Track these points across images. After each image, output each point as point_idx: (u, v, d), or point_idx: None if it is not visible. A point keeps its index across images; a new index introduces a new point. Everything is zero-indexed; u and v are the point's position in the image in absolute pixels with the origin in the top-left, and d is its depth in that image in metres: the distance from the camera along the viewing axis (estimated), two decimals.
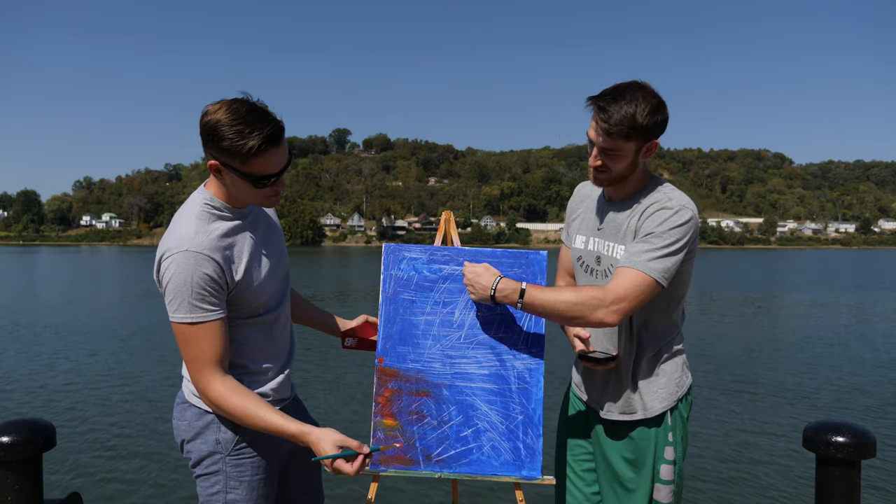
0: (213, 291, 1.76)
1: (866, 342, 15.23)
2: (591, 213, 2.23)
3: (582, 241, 2.23)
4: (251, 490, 1.91)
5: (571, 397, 2.37)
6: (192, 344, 1.77)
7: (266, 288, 1.92)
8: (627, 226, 2.06)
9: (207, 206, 1.83)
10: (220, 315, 1.79)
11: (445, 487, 6.15)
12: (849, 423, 2.18)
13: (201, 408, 1.90)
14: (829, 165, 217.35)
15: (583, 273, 2.22)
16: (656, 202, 2.01)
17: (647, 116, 1.91)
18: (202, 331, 1.76)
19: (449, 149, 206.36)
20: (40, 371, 11.51)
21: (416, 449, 2.12)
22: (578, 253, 2.24)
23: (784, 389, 10.40)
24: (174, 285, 1.74)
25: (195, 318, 1.75)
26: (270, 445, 1.94)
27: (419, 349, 2.17)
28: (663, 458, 2.10)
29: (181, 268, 1.73)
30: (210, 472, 1.91)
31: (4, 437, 1.99)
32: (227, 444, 1.89)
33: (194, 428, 1.92)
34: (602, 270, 2.14)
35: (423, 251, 2.25)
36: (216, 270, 1.77)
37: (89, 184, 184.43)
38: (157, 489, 6.26)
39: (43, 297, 26.25)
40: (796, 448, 7.23)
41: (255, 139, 1.68)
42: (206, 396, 1.80)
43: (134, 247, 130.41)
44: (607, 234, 2.13)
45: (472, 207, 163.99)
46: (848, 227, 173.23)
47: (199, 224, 1.80)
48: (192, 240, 1.76)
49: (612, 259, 2.09)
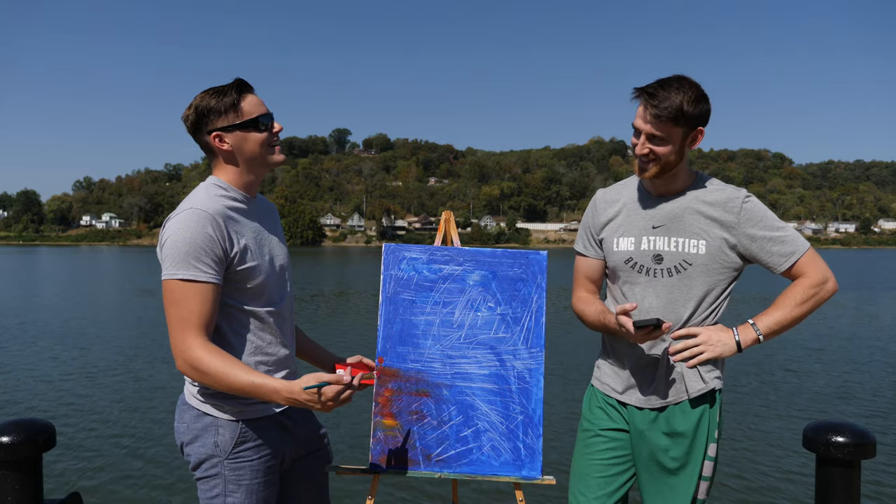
0: (212, 253, 1.76)
1: (866, 342, 15.22)
2: (636, 213, 2.18)
3: (630, 242, 2.17)
4: (250, 494, 1.88)
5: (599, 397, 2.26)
6: (180, 304, 1.74)
7: (265, 271, 1.91)
8: (707, 219, 2.08)
9: (215, 185, 1.91)
10: (215, 280, 1.77)
11: (445, 487, 6.15)
12: (849, 423, 2.18)
13: (200, 409, 1.89)
14: (829, 165, 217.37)
15: (636, 275, 2.15)
16: (722, 190, 2.11)
17: (694, 103, 1.98)
18: (194, 290, 1.73)
19: (449, 149, 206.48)
20: (40, 371, 11.50)
21: (416, 449, 2.12)
22: (627, 255, 2.17)
23: (784, 389, 10.40)
24: (174, 241, 1.75)
25: (189, 276, 1.73)
26: (270, 449, 1.92)
27: (419, 349, 2.17)
28: (714, 437, 2.11)
29: (185, 223, 1.75)
30: (209, 476, 1.89)
31: (4, 437, 1.99)
32: (225, 446, 1.86)
33: (193, 430, 1.89)
34: (666, 269, 2.11)
35: (423, 251, 2.25)
36: (217, 230, 1.78)
37: (89, 184, 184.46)
38: (158, 489, 6.25)
39: (43, 296, 26.25)
40: (796, 448, 7.23)
41: (230, 89, 1.89)
42: (185, 359, 1.75)
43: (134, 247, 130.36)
44: (672, 230, 2.11)
45: (472, 207, 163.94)
46: (848, 227, 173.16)
47: (208, 194, 1.87)
48: (202, 202, 1.81)
49: (685, 254, 2.09)
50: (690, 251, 2.08)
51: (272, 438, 1.92)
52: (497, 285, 2.21)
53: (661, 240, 2.12)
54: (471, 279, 2.22)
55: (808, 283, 2.05)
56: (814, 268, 2.07)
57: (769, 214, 2.09)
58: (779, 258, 2.07)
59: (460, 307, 2.20)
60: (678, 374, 2.11)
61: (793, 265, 2.07)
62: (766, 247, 2.07)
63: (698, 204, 2.10)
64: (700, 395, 2.10)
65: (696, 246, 2.08)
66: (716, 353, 2.04)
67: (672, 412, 2.11)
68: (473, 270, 2.22)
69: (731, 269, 2.11)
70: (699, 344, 2.05)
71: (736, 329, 2.07)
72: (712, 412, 2.11)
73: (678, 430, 2.09)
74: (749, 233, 2.07)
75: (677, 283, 2.10)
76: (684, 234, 2.10)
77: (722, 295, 2.12)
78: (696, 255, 2.08)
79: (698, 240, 2.08)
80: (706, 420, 2.10)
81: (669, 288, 2.11)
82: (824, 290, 2.06)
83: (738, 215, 2.07)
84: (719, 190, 2.11)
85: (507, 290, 2.21)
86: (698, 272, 2.08)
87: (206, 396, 1.89)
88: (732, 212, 2.07)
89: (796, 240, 2.08)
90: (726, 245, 2.08)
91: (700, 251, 2.08)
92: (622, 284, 2.20)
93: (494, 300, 2.20)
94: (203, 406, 1.89)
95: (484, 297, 2.21)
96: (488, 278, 2.22)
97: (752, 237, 2.07)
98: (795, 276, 2.09)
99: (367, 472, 2.12)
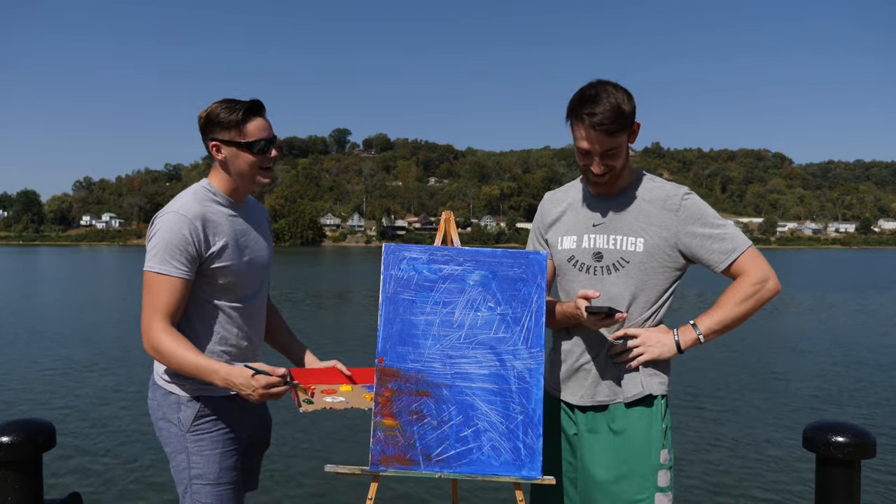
0: (185, 252, 1.98)
1: (866, 342, 15.22)
2: (578, 213, 2.22)
3: (573, 240, 2.20)
4: (212, 463, 2.05)
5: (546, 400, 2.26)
6: (153, 293, 1.97)
7: (241, 272, 2.10)
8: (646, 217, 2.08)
9: (204, 189, 2.12)
10: (185, 276, 1.99)
11: (445, 487, 6.15)
12: (849, 423, 2.18)
13: (166, 388, 2.08)
14: (829, 165, 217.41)
15: (577, 273, 2.18)
16: (660, 187, 2.11)
17: (627, 102, 1.99)
18: (165, 283, 1.97)
19: (449, 149, 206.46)
20: (41, 371, 11.51)
21: (416, 449, 2.12)
22: (569, 253, 2.20)
23: (784, 389, 10.40)
24: (156, 239, 1.99)
25: (163, 270, 1.97)
26: (228, 423, 2.09)
27: (419, 349, 2.17)
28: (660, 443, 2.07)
29: (166, 225, 2.00)
30: (175, 451, 2.07)
31: (4, 437, 1.99)
32: (186, 421, 2.04)
33: (161, 407, 2.09)
34: (604, 267, 2.11)
35: (423, 251, 2.25)
36: (193, 233, 1.99)
37: (89, 184, 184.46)
38: (157, 489, 6.26)
39: (43, 296, 26.25)
40: (796, 448, 7.23)
41: (241, 108, 2.06)
42: (148, 339, 1.97)
43: (134, 247, 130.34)
44: (611, 227, 2.11)
45: (472, 207, 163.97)
46: (848, 227, 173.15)
47: (192, 199, 2.07)
48: (184, 206, 2.03)
49: (623, 252, 2.08)
50: (628, 248, 2.07)
51: (229, 414, 2.09)
52: (497, 285, 2.21)
53: (600, 237, 2.12)
54: (471, 279, 2.22)
55: (747, 282, 2.02)
56: (754, 266, 2.03)
57: (709, 212, 2.07)
58: (718, 256, 2.04)
59: (460, 307, 2.20)
60: (615, 375, 2.10)
61: (732, 263, 2.04)
62: (706, 244, 2.05)
63: (638, 202, 2.10)
64: (637, 399, 2.07)
65: (634, 243, 2.07)
66: (654, 354, 2.04)
67: (612, 412, 2.10)
68: (473, 270, 2.22)
69: (672, 268, 2.09)
70: (639, 345, 2.05)
71: (676, 330, 2.07)
72: (653, 417, 2.07)
73: (617, 430, 2.08)
74: (688, 230, 2.05)
75: (616, 280, 2.09)
76: (622, 232, 2.09)
77: (663, 295, 2.10)
78: (634, 252, 2.07)
79: (636, 237, 2.07)
80: (647, 424, 2.06)
81: (609, 286, 2.09)
82: (765, 288, 2.02)
83: (676, 213, 2.05)
84: (658, 187, 2.10)
85: (507, 289, 2.21)
86: (636, 270, 2.07)
87: (171, 376, 2.08)
88: (671, 209, 2.06)
89: (736, 237, 2.05)
90: (665, 243, 2.06)
91: (638, 248, 2.06)
92: (567, 283, 2.23)
93: (494, 300, 2.20)
94: (168, 385, 2.08)
95: (484, 297, 2.21)
96: (488, 278, 2.22)
97: (691, 234, 2.05)
98: (736, 275, 2.06)
99: (367, 473, 2.12)
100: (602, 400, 2.11)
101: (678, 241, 2.06)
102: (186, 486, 2.05)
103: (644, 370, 2.09)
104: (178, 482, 2.08)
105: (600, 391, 2.12)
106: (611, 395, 2.11)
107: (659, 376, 2.10)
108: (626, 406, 2.08)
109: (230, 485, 2.08)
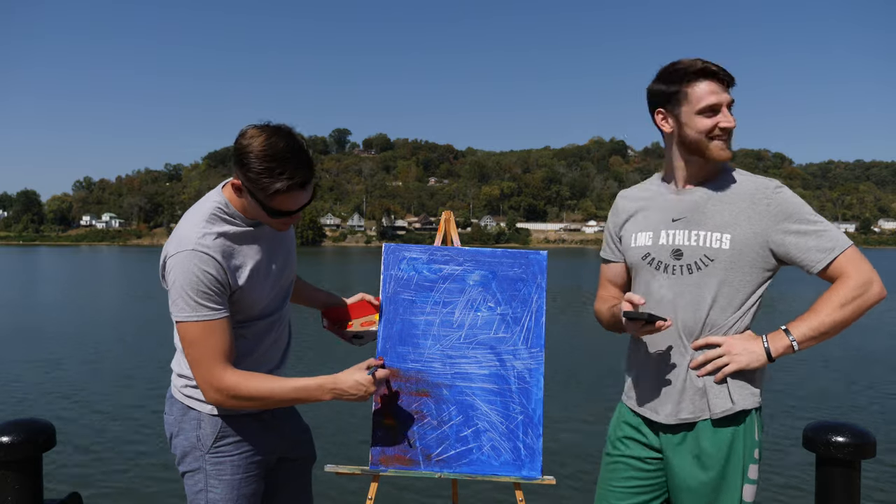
0: (216, 290, 1.76)
1: (866, 342, 15.22)
2: (655, 208, 2.02)
3: (647, 237, 1.99)
4: (231, 489, 1.90)
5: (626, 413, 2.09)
6: (199, 343, 1.76)
7: (266, 295, 1.92)
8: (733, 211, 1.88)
9: (220, 209, 1.84)
10: (225, 314, 1.79)
11: (445, 487, 6.15)
12: (849, 423, 2.18)
13: (185, 403, 1.92)
14: (829, 165, 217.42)
15: (654, 272, 1.96)
16: (750, 180, 1.92)
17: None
18: (209, 329, 1.76)
19: (449, 149, 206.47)
20: (41, 371, 11.50)
21: (416, 449, 2.12)
22: (644, 251, 1.98)
23: (784, 389, 10.40)
24: (179, 285, 1.75)
25: (200, 317, 1.75)
26: (251, 445, 1.93)
27: (419, 349, 2.17)
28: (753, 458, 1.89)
29: (185, 266, 1.74)
30: (192, 470, 1.92)
31: (4, 437, 1.99)
32: (206, 440, 1.89)
33: (178, 423, 1.93)
34: (685, 266, 1.90)
35: (423, 251, 2.25)
36: (219, 270, 1.77)
37: (89, 184, 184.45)
38: (157, 489, 6.26)
39: (43, 296, 26.24)
40: (796, 448, 7.23)
41: (282, 181, 1.69)
42: (221, 391, 1.77)
43: (134, 247, 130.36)
44: (694, 222, 1.91)
45: (472, 207, 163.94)
46: (848, 227, 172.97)
47: (207, 225, 1.80)
48: (198, 240, 1.77)
49: (707, 249, 1.87)
50: (713, 245, 1.86)
51: (253, 434, 1.93)
52: (497, 285, 2.21)
53: (681, 233, 1.92)
54: (471, 279, 2.22)
55: (850, 285, 1.80)
56: (856, 267, 1.81)
57: (805, 207, 1.85)
58: (815, 255, 1.82)
59: (460, 307, 2.20)
60: (700, 390, 1.88)
61: (830, 263, 1.82)
62: (801, 242, 1.83)
63: (724, 194, 1.90)
64: (727, 416, 1.86)
65: (720, 240, 1.86)
66: (741, 365, 1.83)
67: (700, 431, 1.89)
68: (473, 270, 2.22)
69: (762, 268, 1.87)
70: (722, 354, 1.85)
71: (766, 336, 1.86)
72: (747, 431, 1.88)
73: (707, 450, 1.87)
74: (780, 226, 1.84)
75: (698, 281, 1.88)
76: (706, 227, 1.88)
77: (751, 297, 1.89)
78: (720, 249, 1.86)
79: (722, 233, 1.86)
80: (739, 440, 1.87)
81: (690, 287, 1.89)
82: (868, 293, 1.80)
83: (768, 206, 1.85)
84: (748, 180, 1.92)
85: (507, 290, 2.21)
86: (721, 269, 1.85)
87: (191, 390, 1.91)
88: (762, 203, 1.86)
89: (835, 235, 1.83)
90: (755, 240, 1.85)
91: (724, 245, 1.86)
92: (641, 283, 2.01)
93: (494, 300, 2.20)
94: (187, 400, 1.92)
95: (484, 297, 2.21)
96: (488, 278, 2.22)
97: (784, 231, 1.84)
98: (834, 278, 1.84)
99: (367, 473, 2.12)
100: (686, 418, 1.90)
101: (769, 239, 1.85)
102: None
103: (733, 382, 1.87)
104: (191, 502, 1.95)
105: (684, 408, 1.90)
106: (696, 412, 1.89)
107: (750, 388, 1.89)
108: (714, 424, 1.88)
109: None
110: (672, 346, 1.93)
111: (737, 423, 1.87)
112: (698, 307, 1.88)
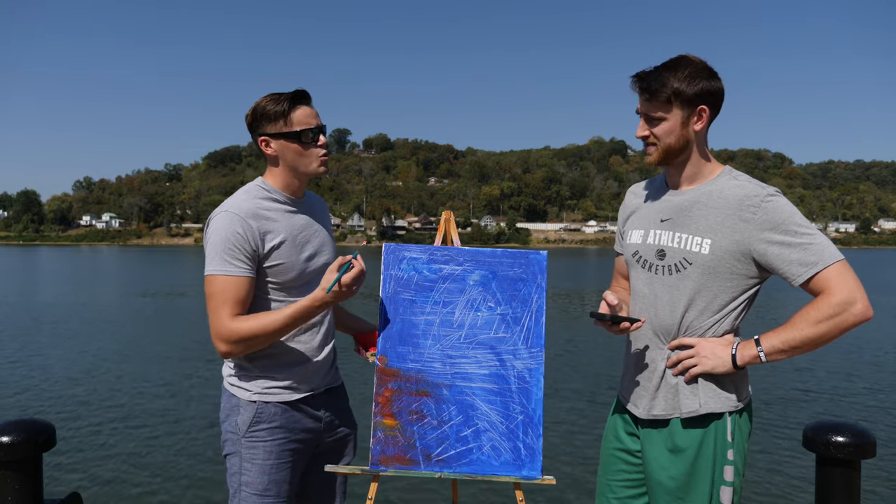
0: (243, 250, 1.93)
1: (866, 342, 15.22)
2: (650, 206, 2.04)
3: (639, 235, 2.03)
4: (263, 473, 2.01)
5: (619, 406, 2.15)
6: (216, 296, 1.92)
7: (298, 265, 2.04)
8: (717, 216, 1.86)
9: (258, 187, 2.07)
10: (247, 274, 1.94)
11: (445, 487, 6.15)
12: (849, 423, 2.18)
13: (230, 391, 2.07)
14: (829, 165, 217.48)
15: (639, 269, 2.01)
16: (741, 185, 1.87)
17: (687, 80, 1.83)
18: (228, 283, 1.91)
19: (449, 149, 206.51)
20: (41, 371, 11.50)
21: (416, 449, 2.12)
22: (634, 248, 2.03)
23: (784, 389, 10.40)
24: (212, 241, 1.94)
25: (224, 272, 1.91)
26: (286, 432, 2.04)
27: (419, 349, 2.17)
28: (726, 459, 1.89)
29: (219, 225, 1.94)
30: (230, 453, 2.05)
31: (4, 437, 1.99)
32: (242, 425, 2.01)
33: (224, 410, 2.08)
34: (666, 266, 1.92)
35: (423, 251, 2.25)
36: (246, 230, 1.94)
37: (89, 184, 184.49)
38: (157, 489, 6.26)
39: (43, 296, 26.24)
40: (796, 448, 7.23)
41: (286, 98, 2.02)
42: (225, 339, 1.91)
43: (134, 247, 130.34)
44: (679, 224, 1.92)
45: (472, 207, 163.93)
46: (848, 227, 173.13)
47: (245, 196, 2.03)
48: (235, 205, 1.98)
49: (686, 252, 1.88)
50: (693, 249, 1.87)
51: (288, 422, 2.04)
52: (497, 285, 2.21)
53: (666, 234, 1.94)
54: (471, 279, 2.22)
55: (829, 302, 1.74)
56: (839, 284, 1.75)
57: (793, 218, 1.79)
58: (796, 268, 1.77)
59: (460, 307, 2.20)
60: (672, 388, 1.92)
61: (811, 278, 1.77)
62: (783, 254, 1.78)
63: (712, 198, 1.88)
64: (695, 417, 1.89)
65: (700, 244, 1.86)
66: (707, 368, 1.85)
67: (672, 428, 1.93)
68: (473, 270, 2.22)
69: (743, 275, 1.86)
70: (693, 356, 1.88)
71: (737, 343, 1.86)
72: (718, 433, 1.88)
73: (678, 447, 1.90)
74: (763, 236, 1.80)
75: (676, 283, 1.90)
76: (689, 230, 1.89)
77: (730, 304, 1.88)
78: (699, 254, 1.86)
79: (703, 238, 1.86)
80: (710, 441, 1.88)
81: (668, 288, 1.91)
82: (849, 312, 1.74)
83: (754, 214, 1.81)
84: (739, 185, 1.86)
85: (507, 289, 2.21)
86: (698, 274, 1.86)
87: (234, 378, 2.07)
88: (747, 211, 1.81)
89: (822, 249, 1.76)
90: (736, 248, 1.83)
91: (703, 251, 1.85)
92: (632, 279, 2.07)
93: (494, 300, 2.20)
94: (231, 388, 2.07)
95: (484, 297, 2.21)
96: (488, 278, 2.22)
97: (766, 241, 1.80)
98: (817, 293, 1.78)
99: (367, 473, 2.12)
100: (659, 414, 1.94)
101: (751, 248, 1.82)
102: (236, 489, 2.03)
103: (704, 384, 1.89)
104: (230, 484, 2.05)
105: (657, 405, 1.95)
106: (668, 409, 1.93)
107: (721, 392, 1.89)
108: (683, 424, 1.90)
109: (276, 498, 2.02)
110: (652, 345, 1.99)
111: (705, 424, 1.89)
112: (675, 308, 1.91)
